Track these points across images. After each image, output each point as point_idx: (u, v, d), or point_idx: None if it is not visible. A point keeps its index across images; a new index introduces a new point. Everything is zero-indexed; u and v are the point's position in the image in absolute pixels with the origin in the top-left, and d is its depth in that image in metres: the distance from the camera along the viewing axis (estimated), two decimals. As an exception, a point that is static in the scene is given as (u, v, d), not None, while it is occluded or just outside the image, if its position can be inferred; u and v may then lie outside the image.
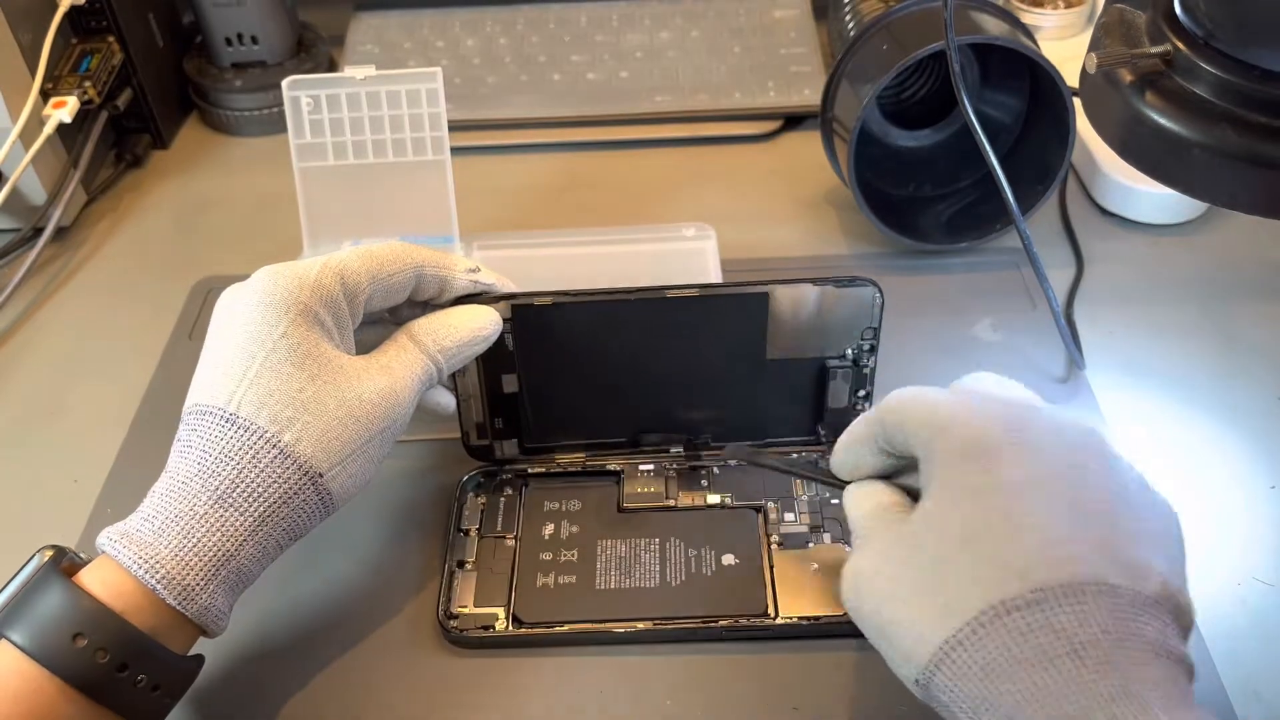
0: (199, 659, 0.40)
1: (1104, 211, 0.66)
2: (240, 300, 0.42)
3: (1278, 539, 0.49)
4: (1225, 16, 0.40)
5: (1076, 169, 0.69)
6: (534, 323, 0.48)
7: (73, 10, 0.68)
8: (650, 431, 0.51)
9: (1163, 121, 0.42)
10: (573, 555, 0.47)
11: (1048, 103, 0.60)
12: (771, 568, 0.47)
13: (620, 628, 0.45)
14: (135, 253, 0.67)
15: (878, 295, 0.48)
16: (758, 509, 0.49)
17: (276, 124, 0.74)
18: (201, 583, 0.38)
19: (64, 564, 0.38)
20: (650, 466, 0.51)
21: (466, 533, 0.49)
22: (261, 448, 0.39)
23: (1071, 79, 0.54)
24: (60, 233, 0.67)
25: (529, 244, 0.60)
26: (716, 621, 0.45)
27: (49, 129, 0.64)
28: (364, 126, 0.57)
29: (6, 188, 0.63)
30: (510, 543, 0.48)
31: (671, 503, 0.49)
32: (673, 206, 0.59)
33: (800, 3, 0.81)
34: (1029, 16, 0.77)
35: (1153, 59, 0.42)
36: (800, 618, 0.45)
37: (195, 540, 0.38)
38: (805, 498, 0.49)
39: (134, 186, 0.72)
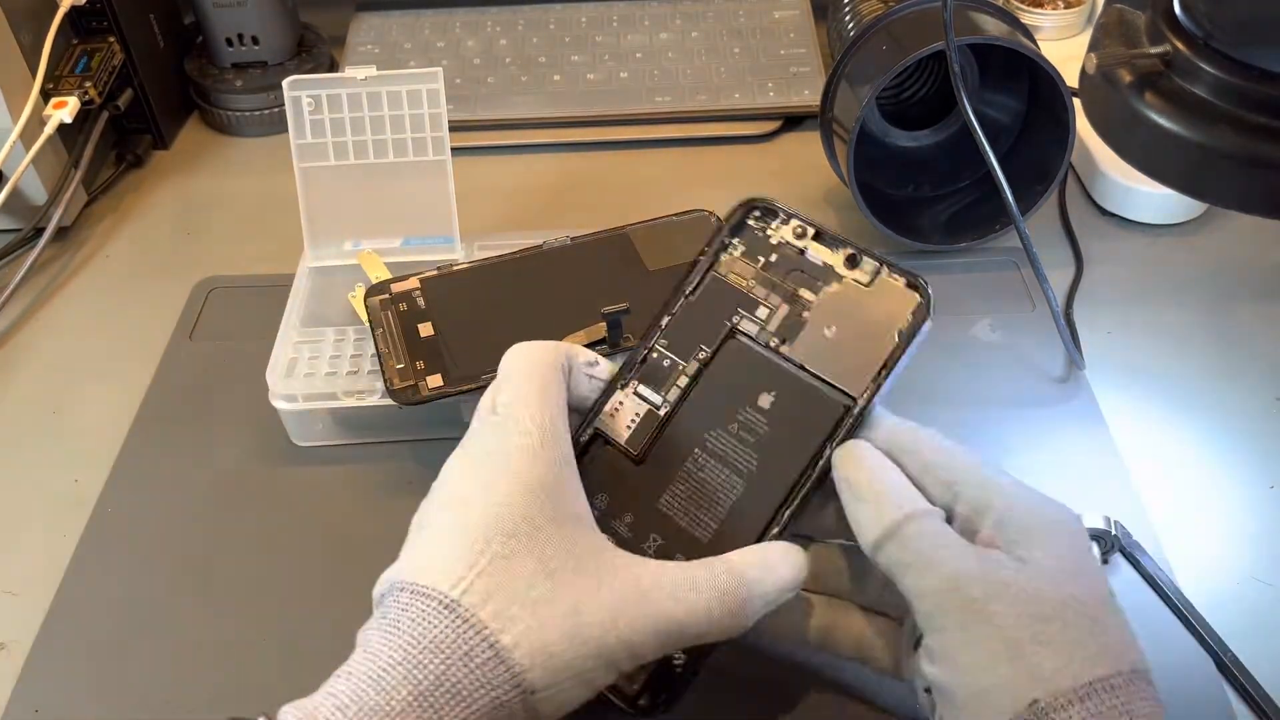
0: None
1: (1103, 211, 0.66)
2: (508, 467, 0.38)
3: (1277, 539, 0.49)
4: (1224, 17, 0.40)
5: (1076, 169, 0.69)
6: (441, 286, 0.54)
7: (73, 11, 0.68)
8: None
9: (1162, 122, 0.42)
10: None
11: (1047, 103, 0.60)
12: None
13: None
14: (136, 253, 0.67)
15: (713, 217, 0.57)
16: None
17: (277, 124, 0.74)
18: None
19: None
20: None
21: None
22: (476, 644, 0.34)
23: (1071, 79, 0.54)
24: (61, 233, 0.67)
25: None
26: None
27: (50, 129, 0.64)
28: (365, 127, 0.57)
29: (7, 188, 0.63)
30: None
31: None
32: (672, 207, 0.59)
33: (800, 3, 0.81)
34: (1028, 17, 0.77)
35: (1152, 59, 0.42)
36: None
37: None
38: None
39: (135, 186, 0.72)
